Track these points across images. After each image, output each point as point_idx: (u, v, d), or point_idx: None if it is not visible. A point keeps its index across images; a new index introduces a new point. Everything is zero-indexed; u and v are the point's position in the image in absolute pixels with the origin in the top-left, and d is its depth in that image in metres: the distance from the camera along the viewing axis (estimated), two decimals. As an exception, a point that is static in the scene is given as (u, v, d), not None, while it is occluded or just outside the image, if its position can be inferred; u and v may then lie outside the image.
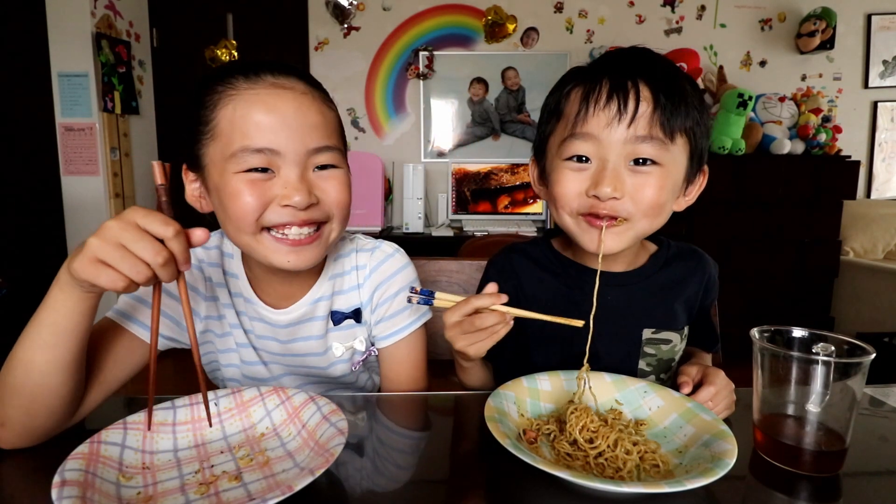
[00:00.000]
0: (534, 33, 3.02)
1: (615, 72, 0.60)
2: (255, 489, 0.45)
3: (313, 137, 0.60)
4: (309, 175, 0.61)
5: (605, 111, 0.59)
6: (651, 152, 0.60)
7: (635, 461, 0.48)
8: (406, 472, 0.51)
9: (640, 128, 0.59)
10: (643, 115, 0.59)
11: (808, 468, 0.48)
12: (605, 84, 0.60)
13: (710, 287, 0.76)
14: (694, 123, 0.62)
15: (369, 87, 3.05)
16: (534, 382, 0.61)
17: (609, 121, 0.59)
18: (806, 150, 2.64)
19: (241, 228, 0.60)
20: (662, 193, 0.61)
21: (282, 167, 0.59)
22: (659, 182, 0.61)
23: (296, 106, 0.59)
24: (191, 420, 0.56)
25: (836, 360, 0.47)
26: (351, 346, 0.74)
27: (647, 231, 0.64)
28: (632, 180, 0.60)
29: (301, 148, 0.59)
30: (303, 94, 0.61)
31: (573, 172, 0.63)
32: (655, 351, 0.72)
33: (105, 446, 0.48)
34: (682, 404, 0.56)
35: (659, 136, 0.59)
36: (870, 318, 2.57)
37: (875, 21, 3.00)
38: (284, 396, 0.58)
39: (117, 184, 2.58)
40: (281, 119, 0.58)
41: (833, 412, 0.48)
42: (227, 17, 2.97)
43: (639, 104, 0.58)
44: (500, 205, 2.95)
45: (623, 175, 0.60)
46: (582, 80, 0.63)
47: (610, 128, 0.59)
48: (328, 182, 0.62)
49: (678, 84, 0.61)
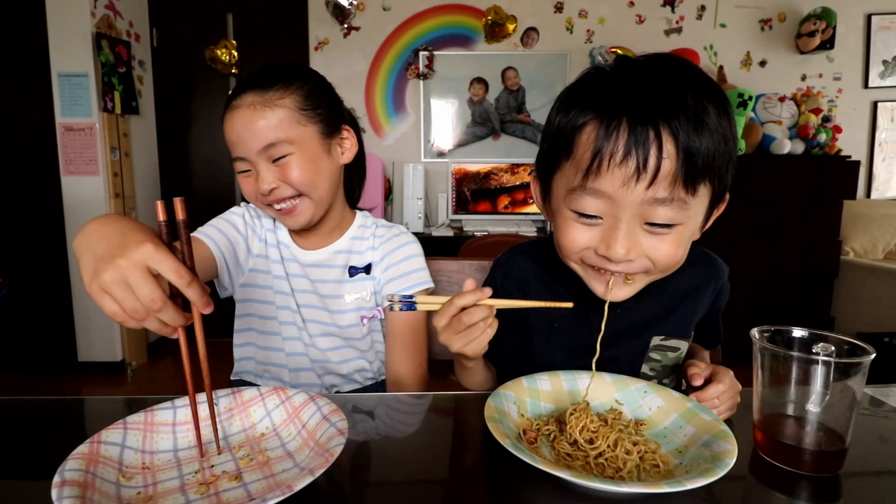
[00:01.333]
0: (534, 33, 3.02)
1: (635, 111, 0.51)
2: (255, 489, 0.45)
3: (259, 139, 0.76)
4: (269, 169, 0.77)
5: (622, 168, 0.51)
6: (670, 215, 0.53)
7: (635, 461, 0.48)
8: (406, 472, 0.51)
9: (660, 190, 0.51)
10: (665, 175, 0.51)
11: (809, 468, 0.47)
12: (623, 132, 0.50)
13: (723, 291, 0.75)
14: (722, 163, 0.53)
15: (369, 87, 3.05)
16: (534, 382, 0.61)
17: (625, 180, 0.51)
18: (806, 150, 2.64)
19: (258, 206, 0.83)
20: (680, 250, 0.56)
21: (252, 167, 0.78)
22: (677, 240, 0.56)
23: (244, 119, 0.76)
24: (191, 420, 0.56)
25: (835, 360, 0.46)
26: (359, 296, 0.88)
27: (659, 276, 0.60)
28: (647, 241, 0.55)
29: (253, 150, 0.76)
30: (249, 106, 0.76)
31: (581, 226, 0.57)
32: (661, 357, 0.71)
33: (105, 446, 0.48)
34: (683, 404, 0.56)
35: (681, 197, 0.52)
36: (870, 318, 2.57)
37: (875, 21, 3.00)
38: (284, 396, 0.58)
39: (117, 184, 2.58)
40: (237, 133, 0.77)
41: (833, 412, 0.48)
42: (227, 17, 2.97)
43: (661, 162, 0.50)
44: (500, 205, 2.95)
45: (637, 236, 0.55)
46: (596, 110, 0.53)
47: (626, 188, 0.51)
48: (284, 169, 0.78)
49: (708, 121, 0.51)
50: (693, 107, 0.51)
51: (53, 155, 2.50)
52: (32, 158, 2.55)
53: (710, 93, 0.53)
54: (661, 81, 0.52)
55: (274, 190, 0.77)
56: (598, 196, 0.53)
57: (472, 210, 2.96)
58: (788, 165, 2.61)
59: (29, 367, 2.68)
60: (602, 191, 0.53)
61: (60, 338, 2.62)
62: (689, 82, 0.53)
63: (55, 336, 2.64)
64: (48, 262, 2.59)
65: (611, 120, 0.51)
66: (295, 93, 0.78)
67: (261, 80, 0.77)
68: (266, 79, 0.77)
